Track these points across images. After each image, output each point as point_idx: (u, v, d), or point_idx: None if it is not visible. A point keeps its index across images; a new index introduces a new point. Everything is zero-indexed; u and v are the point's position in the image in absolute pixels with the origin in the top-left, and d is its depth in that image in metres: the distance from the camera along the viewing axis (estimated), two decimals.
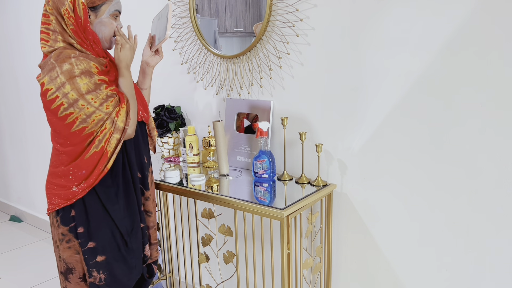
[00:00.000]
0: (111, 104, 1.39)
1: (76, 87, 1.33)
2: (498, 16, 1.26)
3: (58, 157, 1.45)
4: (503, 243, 1.36)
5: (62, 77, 1.32)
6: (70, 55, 1.34)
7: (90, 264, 1.45)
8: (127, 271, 1.51)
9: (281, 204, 1.48)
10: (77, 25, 1.38)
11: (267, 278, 1.97)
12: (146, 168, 1.58)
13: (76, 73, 1.33)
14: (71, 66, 1.33)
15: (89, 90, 1.35)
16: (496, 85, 1.29)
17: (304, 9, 1.65)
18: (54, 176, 1.46)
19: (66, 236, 1.46)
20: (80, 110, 1.35)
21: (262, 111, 1.83)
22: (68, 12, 1.37)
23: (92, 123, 1.37)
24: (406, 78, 1.46)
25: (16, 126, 3.56)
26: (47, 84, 1.34)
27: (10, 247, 3.19)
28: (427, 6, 1.37)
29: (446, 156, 1.42)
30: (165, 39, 1.52)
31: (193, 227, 2.23)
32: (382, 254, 1.63)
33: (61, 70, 1.32)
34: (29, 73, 3.25)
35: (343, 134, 1.64)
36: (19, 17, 3.20)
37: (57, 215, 1.47)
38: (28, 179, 3.58)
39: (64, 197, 1.43)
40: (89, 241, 1.45)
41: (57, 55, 1.35)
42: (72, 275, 1.49)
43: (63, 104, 1.34)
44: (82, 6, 1.37)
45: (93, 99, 1.35)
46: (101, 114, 1.37)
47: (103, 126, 1.39)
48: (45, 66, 1.36)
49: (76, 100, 1.34)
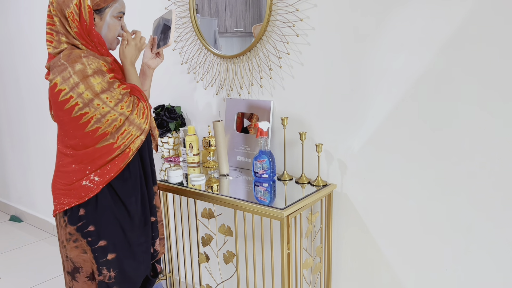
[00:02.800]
0: (125, 105, 1.40)
1: (91, 86, 1.34)
2: (499, 16, 1.26)
3: (67, 159, 1.44)
4: (503, 243, 1.36)
5: (75, 77, 1.33)
6: (80, 55, 1.34)
7: (101, 262, 1.46)
8: (135, 266, 1.52)
9: (281, 204, 1.48)
10: (82, 28, 1.39)
11: (267, 278, 1.97)
12: (153, 163, 1.61)
13: (89, 72, 1.34)
14: (84, 66, 1.33)
15: (103, 90, 1.35)
16: (496, 84, 1.29)
17: (304, 9, 1.65)
18: (63, 176, 1.45)
19: (73, 235, 1.45)
20: (95, 109, 1.35)
21: (262, 111, 1.83)
22: (73, 15, 1.37)
23: (106, 123, 1.37)
24: (406, 77, 1.46)
25: (16, 126, 3.56)
26: (60, 85, 1.33)
27: (10, 247, 3.19)
28: (428, 5, 1.37)
29: (447, 155, 1.42)
30: (168, 45, 1.53)
31: (193, 227, 2.23)
32: (382, 254, 1.63)
33: (73, 70, 1.33)
34: (30, 73, 3.25)
35: (343, 134, 1.64)
36: (20, 16, 3.20)
37: (64, 215, 1.46)
38: (28, 179, 3.58)
39: (75, 196, 1.43)
40: (99, 240, 1.45)
41: (67, 56, 1.35)
42: (79, 274, 1.49)
43: (78, 104, 1.34)
44: (88, 9, 1.37)
45: (108, 99, 1.36)
46: (115, 114, 1.38)
47: (121, 129, 1.40)
48: (55, 67, 1.36)
49: (91, 100, 1.34)
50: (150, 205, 1.57)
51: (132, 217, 1.49)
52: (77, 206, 1.43)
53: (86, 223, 1.44)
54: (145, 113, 1.45)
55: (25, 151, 3.53)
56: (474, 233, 1.41)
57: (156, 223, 1.62)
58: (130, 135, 1.43)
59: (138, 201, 1.51)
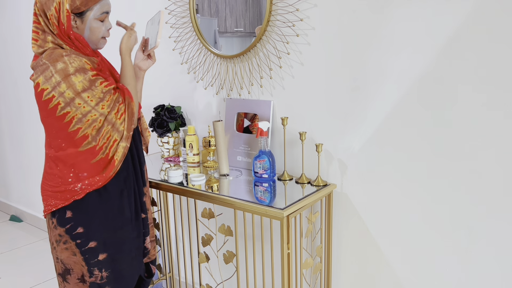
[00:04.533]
0: (106, 104, 1.38)
1: (72, 85, 1.33)
2: (499, 15, 1.26)
3: (52, 161, 1.44)
4: (505, 243, 1.36)
5: (57, 76, 1.32)
6: (62, 54, 1.34)
7: (92, 263, 1.45)
8: (129, 263, 1.52)
9: (281, 204, 1.48)
10: (60, 31, 1.38)
11: (267, 278, 1.97)
12: (142, 164, 1.60)
13: (70, 71, 1.33)
14: (65, 65, 1.33)
15: (84, 88, 1.34)
16: (496, 84, 1.29)
17: (304, 9, 1.65)
18: (50, 178, 1.45)
19: (63, 237, 1.45)
20: (76, 109, 1.35)
21: (262, 111, 1.83)
22: (53, 17, 1.37)
23: (86, 123, 1.37)
24: (406, 77, 1.46)
25: (15, 126, 3.56)
26: (42, 84, 1.33)
27: (10, 247, 3.19)
28: (429, 5, 1.37)
29: (447, 155, 1.42)
30: (155, 46, 1.52)
31: (193, 227, 2.23)
32: (382, 254, 1.63)
33: (55, 69, 1.32)
34: (27, 74, 3.25)
35: (343, 134, 1.64)
36: (18, 17, 3.19)
37: (53, 216, 1.46)
38: (28, 179, 3.58)
39: (61, 198, 1.43)
40: (89, 241, 1.44)
41: (48, 55, 1.34)
42: (70, 275, 1.49)
43: (60, 104, 1.34)
44: (66, 13, 1.36)
45: (89, 97, 1.35)
46: (96, 114, 1.37)
47: (101, 130, 1.39)
48: (37, 66, 1.36)
49: (72, 99, 1.34)
50: (140, 202, 1.57)
51: (122, 212, 1.48)
52: (64, 208, 1.43)
53: (74, 225, 1.44)
54: (123, 115, 1.43)
55: (24, 151, 3.53)
56: (475, 233, 1.41)
57: (147, 220, 1.61)
58: (109, 135, 1.41)
59: (130, 196, 1.51)
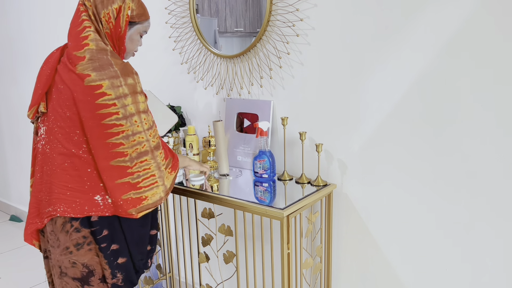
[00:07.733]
0: (153, 133, 1.39)
1: (136, 103, 1.34)
2: (499, 16, 1.26)
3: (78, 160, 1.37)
4: (505, 243, 1.36)
5: (125, 89, 1.32)
6: (132, 71, 1.36)
7: (114, 265, 1.44)
8: (141, 267, 1.54)
9: (281, 204, 1.48)
10: (115, 32, 1.40)
11: (267, 278, 1.97)
12: None
13: (138, 90, 1.35)
14: (134, 82, 1.35)
15: (144, 110, 1.37)
16: (496, 84, 1.29)
17: (304, 9, 1.65)
18: (71, 180, 1.37)
19: (87, 238, 1.40)
20: (131, 125, 1.33)
21: (262, 111, 1.83)
22: (110, 17, 1.37)
23: (131, 142, 1.33)
24: (407, 77, 1.46)
25: (16, 126, 3.56)
26: (106, 88, 1.29)
27: (10, 247, 3.19)
28: (429, 5, 1.37)
29: (447, 155, 1.42)
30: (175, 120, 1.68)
31: (193, 227, 2.23)
32: (382, 253, 1.63)
33: (125, 81, 1.32)
34: (29, 73, 3.25)
35: (343, 134, 1.64)
36: (20, 16, 3.20)
37: (73, 219, 1.38)
38: (28, 179, 3.58)
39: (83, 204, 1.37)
40: (112, 244, 1.43)
41: (121, 67, 1.33)
42: (93, 277, 1.44)
43: (117, 114, 1.31)
44: (126, 18, 1.39)
45: (145, 120, 1.36)
46: (143, 137, 1.35)
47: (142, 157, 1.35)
48: (103, 68, 1.31)
49: (132, 115, 1.33)
50: (153, 218, 1.55)
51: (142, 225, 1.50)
52: None
53: (99, 229, 1.40)
54: (167, 157, 1.45)
55: (24, 151, 3.53)
56: (475, 233, 1.41)
57: (156, 236, 1.60)
58: (148, 168, 1.36)
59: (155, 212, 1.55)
